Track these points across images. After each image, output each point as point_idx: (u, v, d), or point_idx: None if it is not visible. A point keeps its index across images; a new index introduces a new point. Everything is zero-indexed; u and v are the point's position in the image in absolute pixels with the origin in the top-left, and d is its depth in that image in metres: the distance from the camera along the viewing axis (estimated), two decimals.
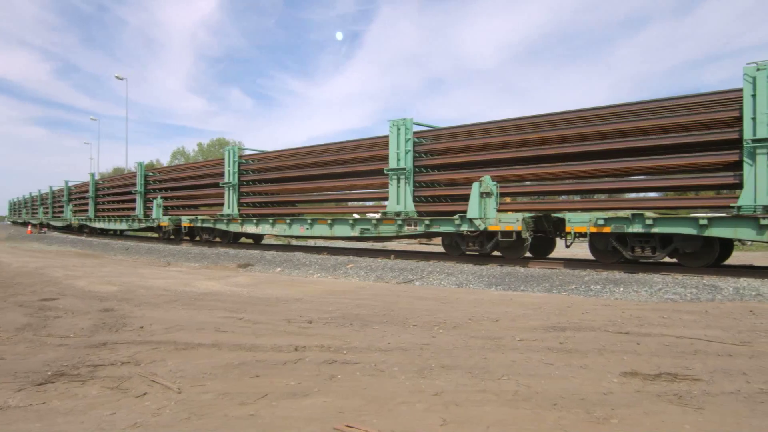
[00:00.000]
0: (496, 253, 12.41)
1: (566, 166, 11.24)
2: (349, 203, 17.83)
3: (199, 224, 19.35)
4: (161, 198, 21.34)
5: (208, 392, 3.35)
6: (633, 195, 11.97)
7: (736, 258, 13.24)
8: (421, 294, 7.84)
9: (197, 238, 20.27)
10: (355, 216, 15.31)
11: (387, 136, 13.48)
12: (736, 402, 2.96)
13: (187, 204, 21.04)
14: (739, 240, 9.80)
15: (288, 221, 15.90)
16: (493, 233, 11.65)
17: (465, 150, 12.71)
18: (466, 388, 3.37)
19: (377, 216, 13.80)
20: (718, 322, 5.33)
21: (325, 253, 15.11)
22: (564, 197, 13.11)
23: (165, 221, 20.40)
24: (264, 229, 16.75)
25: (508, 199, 12.88)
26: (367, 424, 2.78)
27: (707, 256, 9.89)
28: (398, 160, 13.13)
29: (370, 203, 15.90)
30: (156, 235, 23.46)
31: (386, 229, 13.35)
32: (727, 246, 10.55)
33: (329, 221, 14.69)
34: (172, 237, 20.97)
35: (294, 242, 22.03)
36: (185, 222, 19.72)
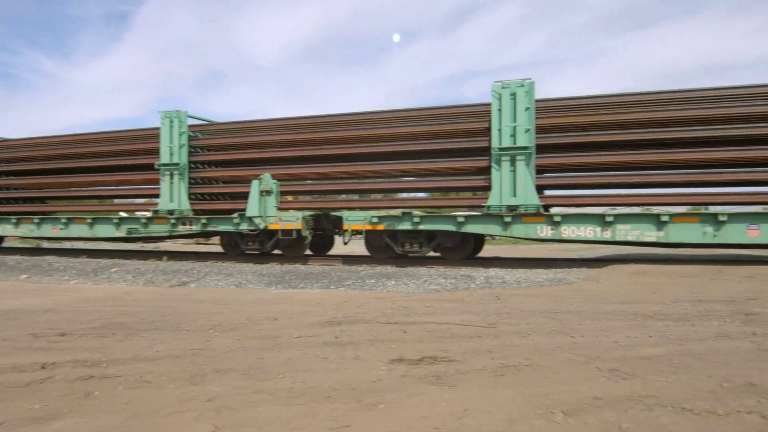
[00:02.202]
0: (276, 251, 12.37)
1: (346, 166, 11.71)
2: (116, 200, 16.16)
3: None
4: None
5: None
6: (405, 195, 12.93)
7: (487, 251, 15.17)
8: (196, 297, 7.43)
9: None
10: (122, 214, 13.94)
11: (158, 128, 12.54)
12: (483, 377, 3.35)
13: None
14: (490, 235, 11.23)
15: (36, 220, 13.81)
16: (274, 232, 11.60)
17: (245, 147, 12.45)
18: (241, 390, 3.25)
19: (148, 214, 12.75)
20: (471, 307, 6.01)
21: (85, 256, 13.49)
22: (344, 196, 13.63)
23: None
24: (5, 230, 14.31)
25: (290, 198, 12.94)
26: None
27: (464, 249, 11.12)
28: (171, 154, 12.30)
29: (141, 200, 14.62)
30: None
31: (158, 229, 12.41)
32: (480, 240, 12.00)
33: (89, 220, 13.14)
34: None
35: (45, 244, 19.23)
36: None
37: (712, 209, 9.94)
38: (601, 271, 9.58)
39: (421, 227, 10.77)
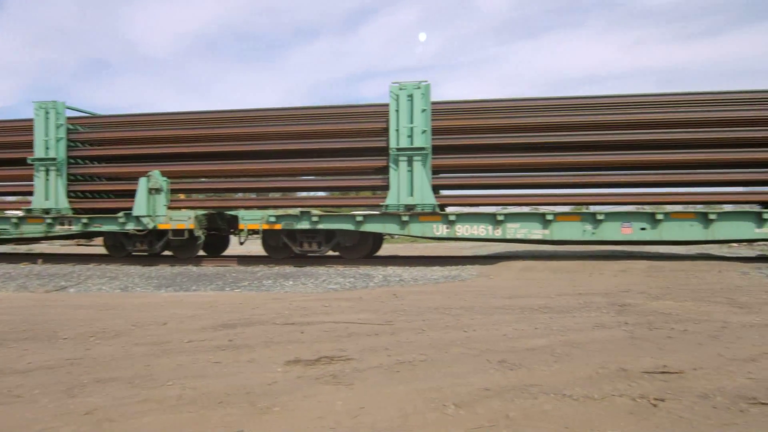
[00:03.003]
0: (167, 252, 11.79)
1: (242, 163, 11.39)
2: None
3: None
4: None
5: None
6: (304, 194, 12.79)
7: (385, 249, 15.38)
8: (76, 302, 6.89)
9: None
10: None
11: (32, 120, 11.53)
12: (379, 374, 3.37)
13: None
14: (389, 234, 11.39)
15: None
16: (164, 232, 11.05)
17: (132, 142, 11.74)
18: (124, 400, 3.05)
19: (20, 214, 11.68)
20: (369, 306, 6.05)
21: None
22: (240, 195, 13.25)
23: None
24: None
25: (182, 196, 12.37)
26: None
27: (363, 248, 11.19)
28: (47, 148, 11.37)
29: (12, 198, 13.36)
30: None
31: (32, 229, 11.42)
32: (379, 239, 12.14)
33: None
34: None
35: None
36: None
37: (592, 209, 10.72)
38: (492, 267, 10.02)
39: (320, 226, 10.71)
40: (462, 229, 10.45)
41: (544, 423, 2.53)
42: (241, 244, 11.57)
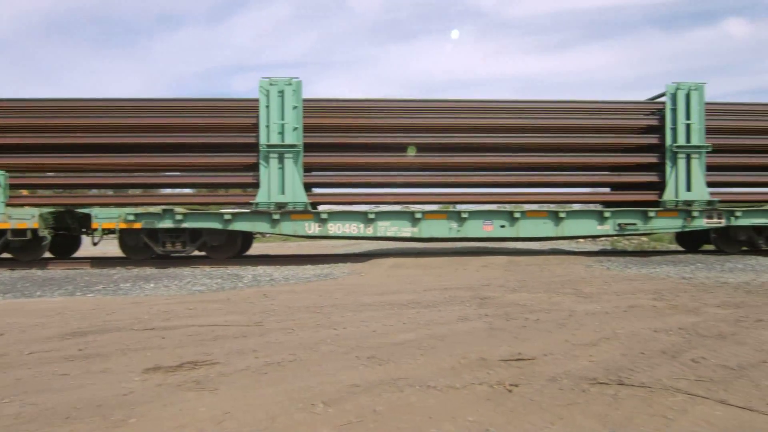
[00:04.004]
0: (6, 255, 10.57)
1: (97, 157, 10.50)
2: None
3: None
4: None
5: None
6: (168, 191, 12.11)
7: (256, 248, 15.01)
8: None
9: None
10: None
11: None
12: (246, 377, 3.27)
13: None
14: (259, 233, 11.13)
15: None
16: (2, 232, 9.89)
17: None
18: None
19: None
20: (237, 307, 5.86)
21: None
22: (95, 191, 12.21)
23: None
24: None
25: (25, 192, 11.13)
26: None
27: (232, 248, 10.83)
28: None
29: None
30: None
31: None
32: (248, 238, 11.80)
33: None
34: None
35: None
36: None
37: (459, 208, 11.28)
38: (364, 265, 10.17)
39: (185, 225, 10.18)
40: (334, 228, 10.49)
41: (410, 415, 2.60)
42: (95, 244, 10.66)
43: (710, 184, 11.01)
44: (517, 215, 10.81)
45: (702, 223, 11.02)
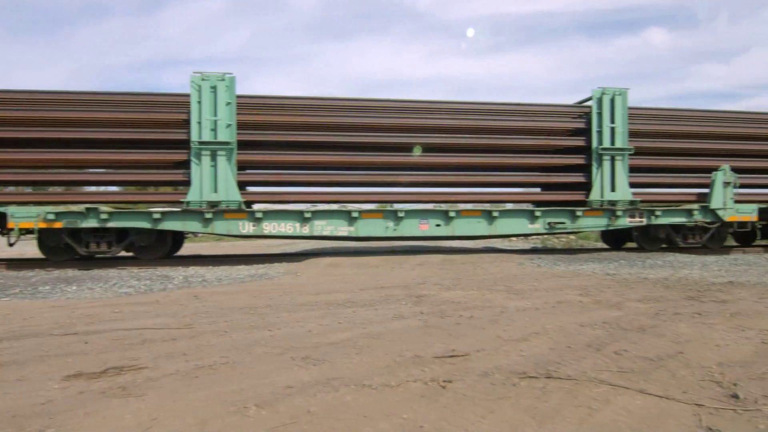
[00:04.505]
0: None
1: (13, 152, 9.89)
2: None
3: None
4: None
5: None
6: (93, 188, 11.56)
7: (188, 248, 14.56)
8: None
9: None
10: None
11: None
12: (176, 381, 3.15)
13: None
14: (191, 232, 10.80)
15: None
16: None
17: None
18: None
19: None
20: (167, 309, 5.65)
21: None
22: (12, 188, 11.50)
23: None
24: None
25: None
26: None
27: (161, 248, 10.45)
28: None
29: None
30: None
31: None
32: (179, 238, 11.43)
33: None
34: None
35: None
36: None
37: (396, 207, 11.35)
38: (300, 265, 10.07)
39: (111, 225, 9.73)
40: (269, 227, 10.32)
41: (345, 414, 2.59)
42: (11, 245, 10.02)
43: (633, 185, 11.59)
44: (452, 214, 11.00)
45: (625, 221, 11.58)
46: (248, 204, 10.54)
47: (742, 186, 12.25)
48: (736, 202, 11.97)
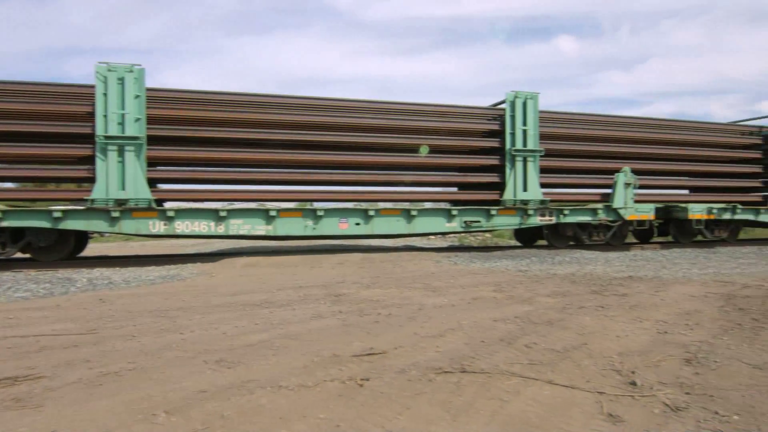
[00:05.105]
0: None
1: None
2: None
3: None
4: None
5: None
6: None
7: (93, 249, 13.74)
8: None
9: None
10: None
11: None
12: (77, 390, 2.95)
13: None
14: (96, 232, 10.19)
15: None
16: None
17: None
18: None
19: None
20: (69, 314, 5.30)
21: None
22: None
23: None
24: None
25: None
26: None
27: (63, 249, 9.82)
28: None
29: None
30: None
31: None
32: (83, 238, 10.76)
33: None
34: None
35: None
36: None
37: (316, 206, 11.25)
38: (215, 265, 9.76)
39: (4, 224, 9.00)
40: (182, 226, 9.93)
41: (260, 417, 2.53)
42: None
43: (543, 185, 12.14)
44: (371, 213, 11.06)
45: (536, 220, 12.11)
46: (159, 202, 10.09)
47: (641, 187, 13.19)
48: (636, 201, 12.85)
